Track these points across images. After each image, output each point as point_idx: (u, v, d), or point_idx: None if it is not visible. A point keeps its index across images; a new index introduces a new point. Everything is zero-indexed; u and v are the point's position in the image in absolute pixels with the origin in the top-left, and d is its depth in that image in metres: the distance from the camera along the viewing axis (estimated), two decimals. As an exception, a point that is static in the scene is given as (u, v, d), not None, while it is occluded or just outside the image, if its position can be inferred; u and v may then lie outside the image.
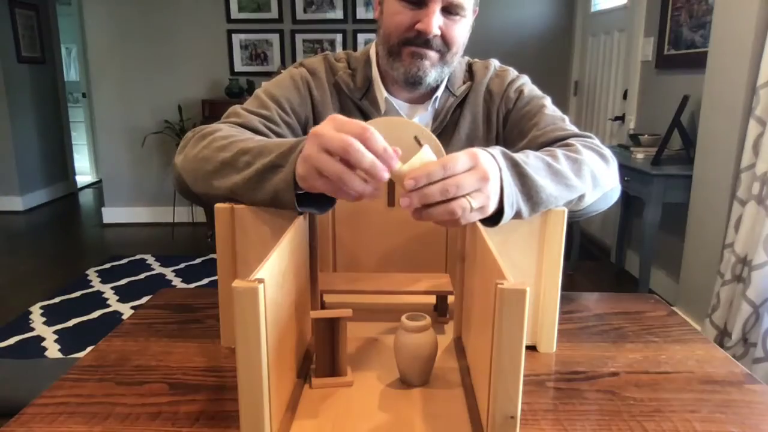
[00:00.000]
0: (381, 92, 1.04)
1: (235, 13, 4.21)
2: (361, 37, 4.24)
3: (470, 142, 1.05)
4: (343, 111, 1.05)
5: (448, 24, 0.95)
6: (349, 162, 0.61)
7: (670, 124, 2.58)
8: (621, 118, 3.50)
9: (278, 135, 0.97)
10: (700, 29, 2.67)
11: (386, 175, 0.61)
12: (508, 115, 1.05)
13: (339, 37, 4.24)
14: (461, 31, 0.98)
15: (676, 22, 2.88)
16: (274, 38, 4.26)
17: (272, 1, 4.20)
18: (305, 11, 4.21)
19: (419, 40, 0.95)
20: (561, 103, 4.34)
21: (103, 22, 4.20)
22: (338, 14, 4.21)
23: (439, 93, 1.05)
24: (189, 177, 0.82)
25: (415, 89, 1.02)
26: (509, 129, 1.04)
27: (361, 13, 4.20)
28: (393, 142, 0.87)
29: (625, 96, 3.44)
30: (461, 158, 0.63)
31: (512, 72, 1.08)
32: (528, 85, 1.06)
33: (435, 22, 0.93)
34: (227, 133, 0.83)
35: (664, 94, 3.03)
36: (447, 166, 0.62)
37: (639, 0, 3.26)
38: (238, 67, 4.30)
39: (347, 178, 0.61)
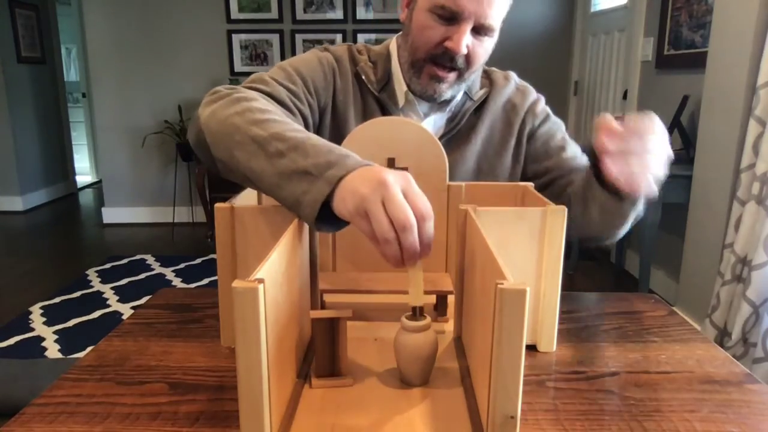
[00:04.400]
0: (401, 86, 1.04)
1: (235, 13, 4.21)
2: (361, 38, 4.24)
3: (485, 147, 1.07)
4: (363, 102, 1.05)
5: (475, 44, 0.95)
6: (396, 233, 0.60)
7: (670, 124, 2.58)
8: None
9: (300, 112, 0.96)
10: (700, 29, 2.67)
11: (415, 265, 0.62)
12: (534, 132, 1.08)
13: (339, 38, 4.23)
14: (484, 51, 0.98)
15: (676, 22, 2.88)
16: (274, 38, 4.26)
17: (272, 1, 4.19)
18: (305, 11, 4.21)
19: (445, 57, 0.95)
20: (561, 103, 4.36)
21: (103, 22, 4.20)
22: (338, 14, 4.21)
23: (457, 99, 1.06)
24: (212, 137, 0.78)
25: (430, 101, 1.04)
26: (535, 146, 1.08)
27: (361, 13, 4.20)
28: (394, 142, 0.87)
29: (625, 96, 3.44)
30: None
31: (532, 89, 1.12)
32: (550, 111, 1.12)
33: (464, 41, 0.92)
34: (263, 106, 0.80)
35: (664, 94, 3.03)
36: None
37: (639, 0, 3.26)
38: (238, 67, 4.30)
39: (391, 247, 0.60)
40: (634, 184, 0.76)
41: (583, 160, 1.06)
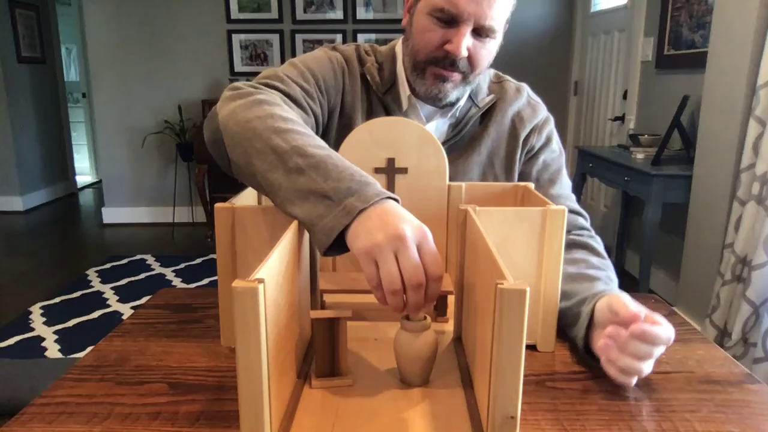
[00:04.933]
0: (405, 90, 1.03)
1: (235, 13, 4.21)
2: (361, 38, 4.24)
3: (491, 159, 1.05)
4: (369, 103, 1.04)
5: (476, 45, 0.93)
6: (404, 287, 0.60)
7: (670, 124, 2.58)
8: (621, 118, 3.50)
9: (313, 111, 0.95)
10: (700, 29, 2.67)
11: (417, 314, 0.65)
12: (533, 153, 1.06)
13: (339, 38, 4.23)
14: (489, 53, 0.96)
15: (676, 22, 2.88)
16: (274, 38, 4.26)
17: (272, 1, 4.20)
18: (305, 11, 4.21)
19: (446, 60, 0.93)
20: (561, 103, 4.36)
21: (103, 22, 4.20)
22: (338, 14, 4.21)
23: (461, 103, 1.04)
24: (230, 139, 0.76)
25: (435, 104, 1.02)
26: (529, 168, 1.06)
27: (361, 13, 4.20)
28: (394, 142, 0.87)
29: (625, 96, 3.44)
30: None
31: (544, 107, 1.09)
32: (554, 132, 1.09)
33: (464, 44, 0.91)
34: (285, 113, 0.78)
35: (664, 94, 3.03)
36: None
37: (639, 0, 3.26)
38: (238, 67, 4.30)
39: (395, 299, 0.61)
40: (614, 374, 0.69)
41: (568, 201, 1.02)
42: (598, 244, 0.96)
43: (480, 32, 0.92)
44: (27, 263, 3.60)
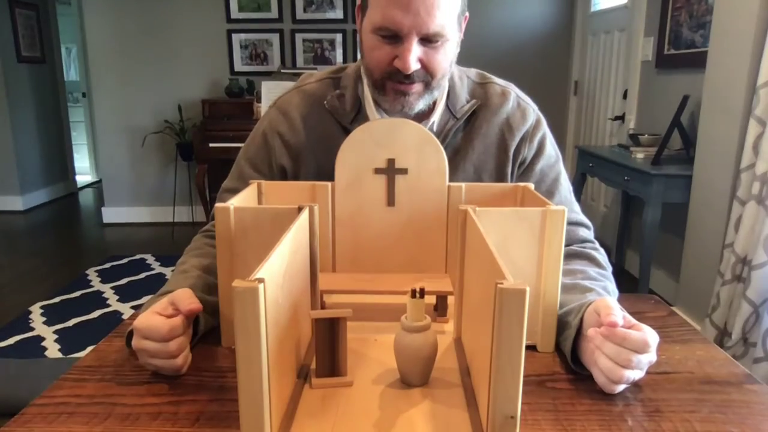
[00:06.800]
0: (372, 112, 0.99)
1: (235, 13, 4.21)
2: (361, 37, 4.24)
3: (479, 174, 1.00)
4: (334, 135, 0.99)
5: (428, 53, 0.89)
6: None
7: (670, 124, 2.58)
8: (621, 118, 3.50)
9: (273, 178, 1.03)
10: (700, 29, 2.67)
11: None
12: (527, 165, 1.01)
13: (339, 37, 4.24)
14: (444, 56, 0.92)
15: (676, 22, 2.88)
16: (274, 38, 4.26)
17: (272, 0, 4.20)
18: (305, 11, 4.21)
19: (400, 75, 0.90)
20: (561, 103, 4.36)
21: (103, 22, 4.20)
22: (338, 14, 4.21)
23: (436, 117, 0.99)
24: None
25: (406, 117, 0.98)
26: (524, 179, 1.00)
27: (361, 12, 4.20)
28: (394, 142, 0.87)
29: (625, 96, 3.44)
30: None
31: (533, 108, 1.03)
32: (548, 136, 1.03)
33: (412, 57, 0.88)
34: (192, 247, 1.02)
35: (664, 94, 3.03)
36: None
37: (639, 0, 3.26)
38: (238, 66, 4.30)
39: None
40: (597, 375, 0.69)
41: (570, 213, 0.96)
42: (600, 255, 0.94)
43: (429, 39, 0.89)
44: (27, 263, 3.60)
